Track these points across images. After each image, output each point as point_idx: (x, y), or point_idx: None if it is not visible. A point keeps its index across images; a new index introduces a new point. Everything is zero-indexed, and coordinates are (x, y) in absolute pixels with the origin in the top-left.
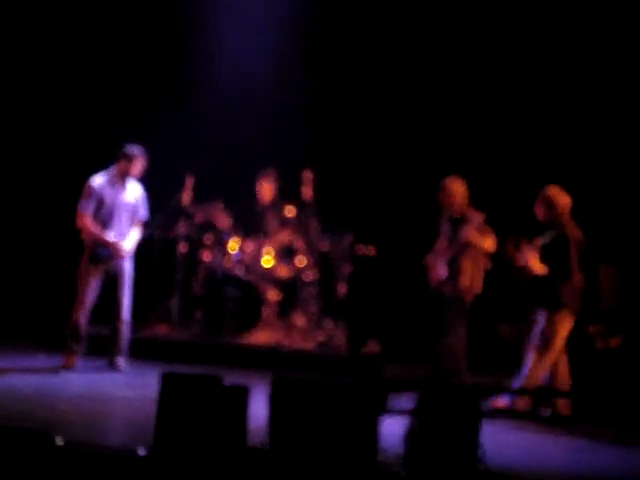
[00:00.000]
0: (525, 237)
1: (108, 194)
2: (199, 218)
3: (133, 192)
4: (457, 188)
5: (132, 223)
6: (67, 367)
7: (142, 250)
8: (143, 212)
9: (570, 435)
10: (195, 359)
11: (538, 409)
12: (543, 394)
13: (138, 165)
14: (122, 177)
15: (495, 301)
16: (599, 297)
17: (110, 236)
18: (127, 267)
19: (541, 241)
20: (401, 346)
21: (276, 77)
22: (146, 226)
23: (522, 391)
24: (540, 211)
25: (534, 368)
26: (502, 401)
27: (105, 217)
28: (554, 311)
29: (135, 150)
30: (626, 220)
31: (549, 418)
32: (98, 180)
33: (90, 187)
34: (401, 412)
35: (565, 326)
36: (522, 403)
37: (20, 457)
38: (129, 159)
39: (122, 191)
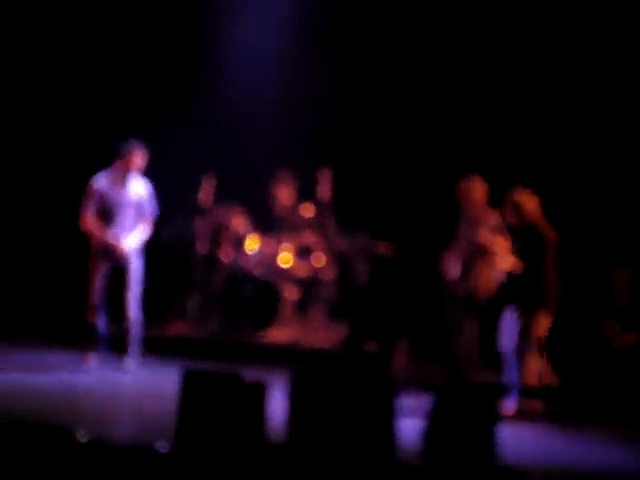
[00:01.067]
0: None
1: (110, 193)
2: (218, 217)
3: (137, 189)
4: (475, 188)
5: (138, 221)
6: (85, 365)
7: (160, 248)
8: (150, 209)
9: (584, 433)
10: (213, 356)
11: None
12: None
13: (137, 160)
14: (123, 175)
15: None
16: (614, 297)
17: (110, 236)
18: (133, 265)
19: (515, 244)
20: (419, 344)
21: (291, 76)
22: (161, 224)
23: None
24: (509, 216)
25: (527, 371)
26: (510, 406)
27: (109, 216)
28: (531, 312)
29: (131, 145)
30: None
31: (563, 415)
32: (99, 180)
33: (91, 187)
34: (417, 412)
35: (542, 326)
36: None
37: (42, 454)
38: (126, 155)
39: (124, 189)
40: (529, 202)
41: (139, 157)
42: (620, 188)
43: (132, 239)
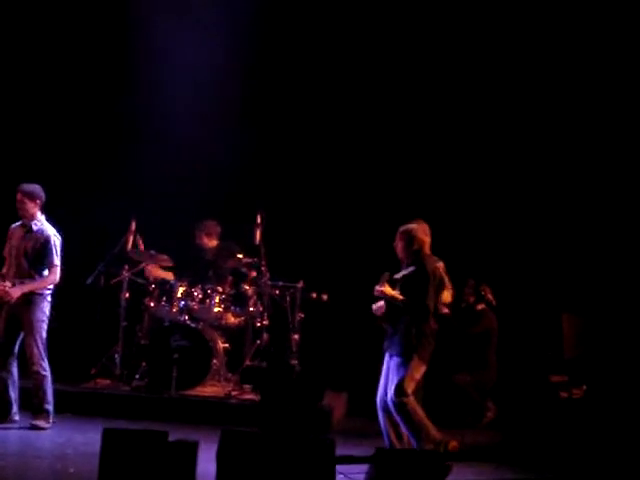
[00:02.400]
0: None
1: (15, 236)
2: (143, 264)
3: (37, 236)
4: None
5: (33, 268)
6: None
7: (86, 297)
8: (48, 257)
9: None
10: (140, 414)
11: None
12: None
13: (19, 203)
14: (23, 219)
15: (452, 350)
16: (562, 346)
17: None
18: (29, 314)
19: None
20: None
21: (225, 122)
22: (84, 272)
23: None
24: (399, 247)
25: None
26: None
27: (9, 259)
28: (407, 357)
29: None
30: (587, 268)
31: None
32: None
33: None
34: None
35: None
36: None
37: None
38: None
39: (23, 234)
40: (421, 233)
41: (19, 201)
42: (569, 236)
43: (19, 287)
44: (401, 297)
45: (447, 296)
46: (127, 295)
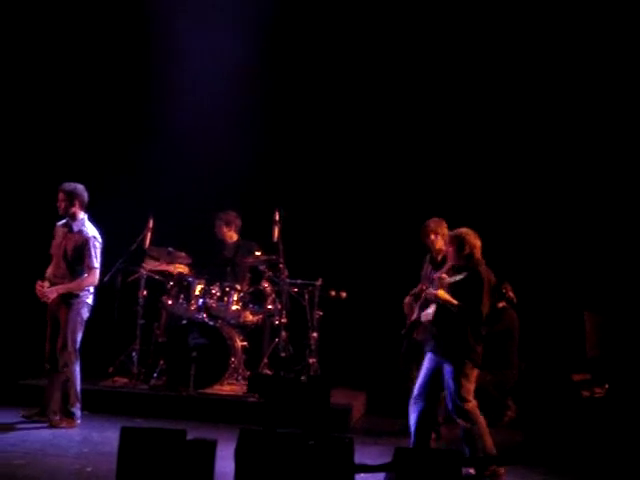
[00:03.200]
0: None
1: (58, 235)
2: (162, 261)
3: (76, 237)
4: (442, 230)
5: (71, 268)
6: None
7: (103, 295)
8: (86, 259)
9: None
10: (157, 413)
11: None
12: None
13: (59, 202)
14: (65, 218)
15: None
16: (584, 345)
17: (43, 279)
18: (64, 315)
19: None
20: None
21: (244, 119)
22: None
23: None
24: (450, 252)
25: None
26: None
27: (53, 258)
28: (461, 363)
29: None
30: (610, 267)
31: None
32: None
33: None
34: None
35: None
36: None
37: None
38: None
39: (65, 233)
40: (473, 239)
41: (60, 198)
42: (590, 233)
43: (55, 287)
44: (456, 302)
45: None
46: (145, 293)
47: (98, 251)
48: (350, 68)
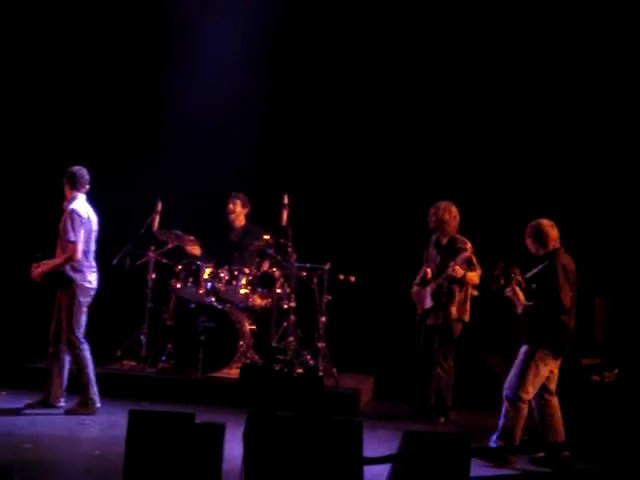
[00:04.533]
0: (515, 264)
1: None
2: (170, 245)
3: (64, 215)
4: (450, 212)
5: (62, 246)
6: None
7: (111, 278)
8: (64, 234)
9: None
10: (166, 396)
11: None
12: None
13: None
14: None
15: (484, 331)
16: (594, 329)
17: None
18: (60, 298)
19: (530, 274)
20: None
21: (252, 103)
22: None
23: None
24: (528, 243)
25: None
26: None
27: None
28: (534, 348)
29: None
30: (620, 251)
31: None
32: None
33: None
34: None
35: (543, 365)
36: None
37: None
38: None
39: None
40: (551, 230)
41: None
42: (599, 217)
43: (42, 265)
44: (525, 302)
45: (474, 277)
46: (153, 276)
47: (77, 224)
48: (362, 51)
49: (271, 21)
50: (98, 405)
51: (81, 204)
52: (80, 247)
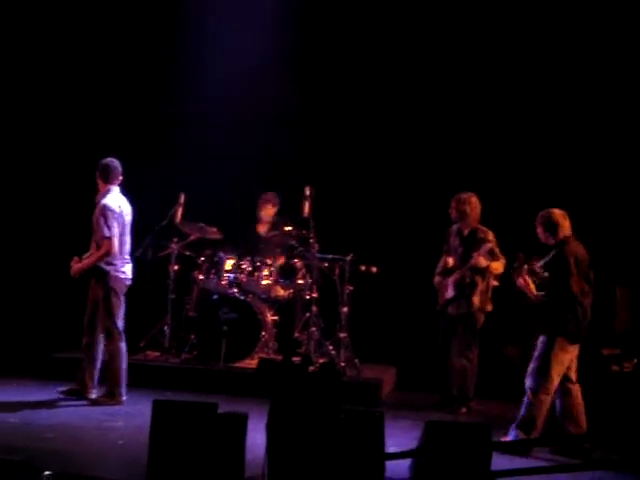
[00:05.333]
0: (536, 255)
1: None
2: (192, 237)
3: (95, 210)
4: (470, 204)
5: (96, 242)
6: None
7: (134, 269)
8: (97, 230)
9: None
10: (189, 386)
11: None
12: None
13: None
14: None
15: (503, 322)
16: (614, 319)
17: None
18: (92, 292)
19: (541, 263)
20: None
21: (274, 95)
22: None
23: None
24: (539, 232)
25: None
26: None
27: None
28: (552, 337)
29: None
30: None
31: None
32: None
33: None
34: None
35: (563, 353)
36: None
37: None
38: None
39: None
40: (562, 220)
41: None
42: (621, 208)
43: (79, 262)
44: (535, 293)
45: (498, 266)
46: (176, 268)
47: (110, 219)
48: (386, 44)
49: (294, 14)
50: (124, 398)
51: (113, 197)
52: (116, 242)
